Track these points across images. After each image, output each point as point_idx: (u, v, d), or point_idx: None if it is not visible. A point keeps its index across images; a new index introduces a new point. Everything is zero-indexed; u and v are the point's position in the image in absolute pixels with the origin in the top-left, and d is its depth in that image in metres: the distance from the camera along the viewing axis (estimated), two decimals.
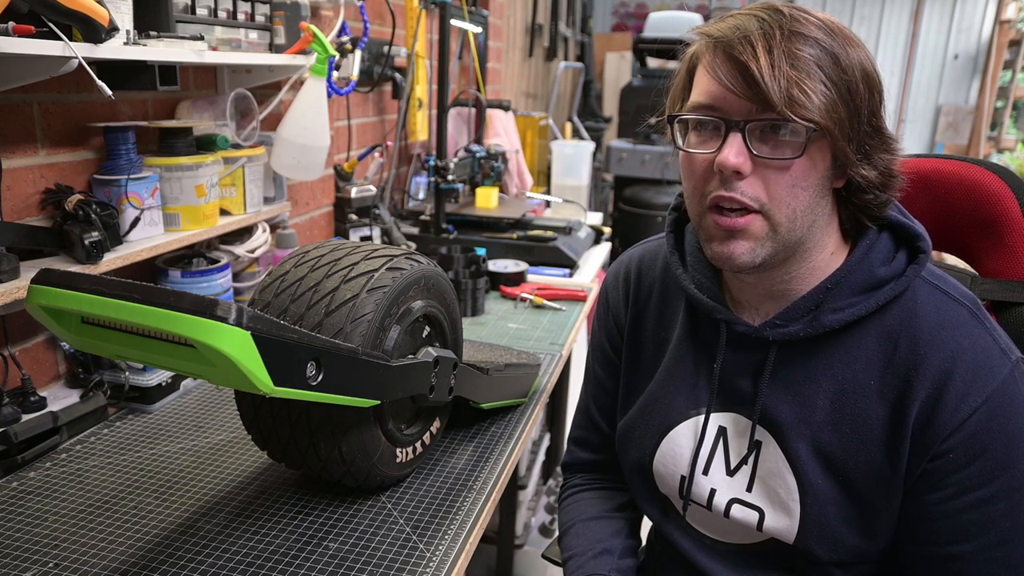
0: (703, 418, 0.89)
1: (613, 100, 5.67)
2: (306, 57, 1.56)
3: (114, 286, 0.69)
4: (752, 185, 0.75)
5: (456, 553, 0.91)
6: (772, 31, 0.71)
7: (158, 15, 1.21)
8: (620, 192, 4.24)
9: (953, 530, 0.77)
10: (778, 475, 0.83)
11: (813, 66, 0.71)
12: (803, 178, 0.74)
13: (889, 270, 0.80)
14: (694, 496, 0.90)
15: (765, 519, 0.85)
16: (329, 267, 0.94)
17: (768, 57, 0.70)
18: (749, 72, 0.71)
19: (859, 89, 0.73)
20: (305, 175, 1.65)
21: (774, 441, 0.84)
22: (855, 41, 0.75)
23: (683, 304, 0.93)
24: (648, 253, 1.01)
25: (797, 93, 0.70)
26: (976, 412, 0.74)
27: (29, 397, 1.15)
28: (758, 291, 0.85)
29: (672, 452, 0.92)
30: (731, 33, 0.73)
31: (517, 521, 2.08)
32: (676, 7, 6.23)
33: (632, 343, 1.00)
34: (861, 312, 0.78)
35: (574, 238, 2.27)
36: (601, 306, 1.05)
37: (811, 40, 0.72)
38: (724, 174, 0.75)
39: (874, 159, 0.76)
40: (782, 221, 0.75)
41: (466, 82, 3.04)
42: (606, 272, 1.06)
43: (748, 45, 0.71)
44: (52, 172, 1.22)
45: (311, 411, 0.91)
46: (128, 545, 0.90)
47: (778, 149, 0.73)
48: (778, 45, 0.71)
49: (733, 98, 0.73)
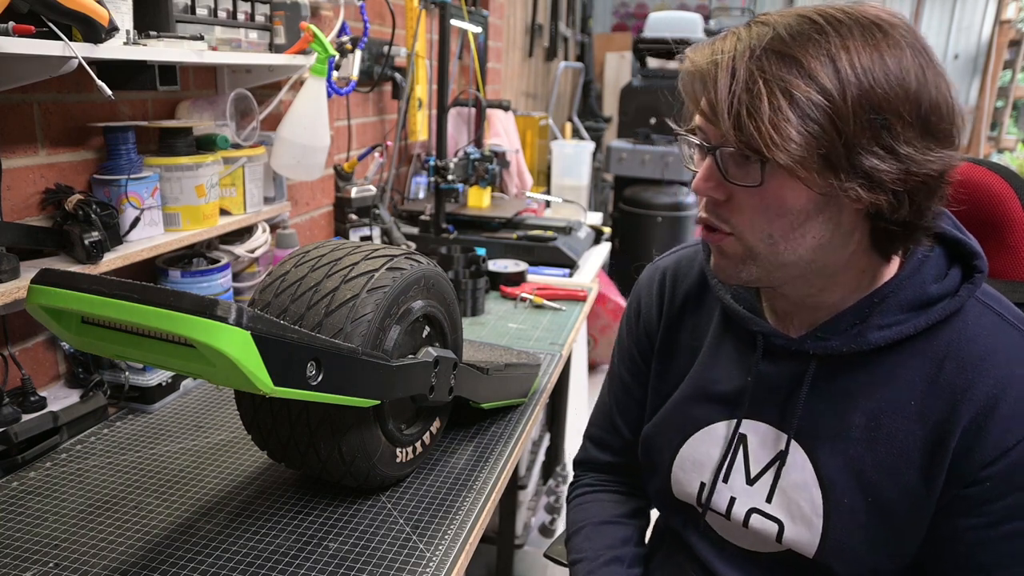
0: (732, 426, 0.87)
1: (613, 100, 5.66)
2: (306, 57, 1.56)
3: (114, 286, 0.69)
4: (727, 208, 0.75)
5: (456, 553, 0.91)
6: (745, 51, 0.68)
7: (158, 15, 1.21)
8: (620, 192, 4.24)
9: (983, 557, 0.75)
10: (803, 488, 0.82)
11: (778, 91, 0.66)
12: (778, 203, 0.71)
13: (941, 288, 0.76)
14: (713, 504, 0.89)
15: (785, 531, 0.83)
16: (329, 267, 0.94)
17: (728, 83, 0.68)
18: (709, 101, 0.70)
19: (856, 111, 0.66)
20: (305, 175, 1.65)
21: (804, 454, 0.82)
22: (892, 44, 0.68)
23: (717, 312, 0.92)
24: (684, 260, 0.99)
25: (747, 121, 0.67)
26: (1021, 442, 0.71)
27: (29, 397, 1.15)
28: (791, 301, 0.83)
29: (692, 458, 0.91)
30: (703, 58, 0.72)
31: (517, 521, 2.08)
32: (676, 7, 6.23)
33: (664, 351, 0.98)
34: (909, 331, 0.76)
35: (574, 238, 2.27)
36: (632, 310, 1.03)
37: (793, 60, 0.67)
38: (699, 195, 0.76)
39: (886, 185, 0.68)
40: (756, 244, 0.74)
41: (466, 82, 3.03)
42: (638, 277, 1.05)
43: (713, 70, 0.70)
44: (52, 172, 1.22)
45: (311, 411, 0.91)
46: (128, 545, 0.90)
47: (746, 175, 0.72)
48: (744, 68, 0.68)
49: (707, 124, 0.73)
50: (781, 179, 0.70)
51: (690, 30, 4.20)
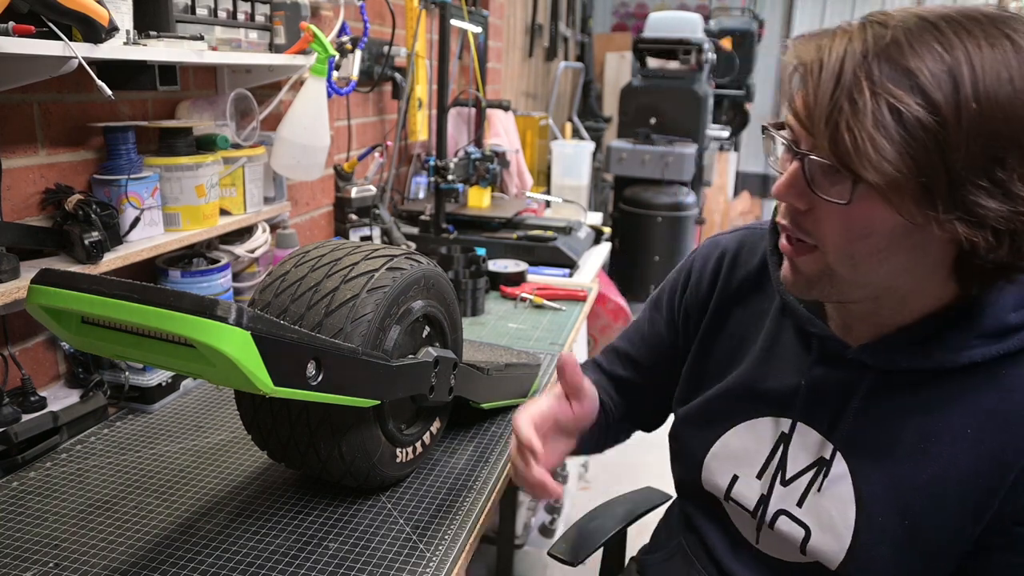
0: (779, 426, 0.85)
1: (613, 100, 5.66)
2: (306, 57, 1.56)
3: (114, 286, 0.69)
4: (809, 219, 0.69)
5: (456, 553, 0.91)
6: (856, 55, 0.62)
7: (158, 15, 1.21)
8: (620, 192, 4.24)
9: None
10: (838, 500, 0.79)
11: (884, 105, 0.59)
12: (863, 224, 0.65)
13: (1020, 317, 0.72)
14: (741, 499, 0.88)
15: (811, 539, 0.81)
16: (329, 267, 0.94)
17: (831, 88, 0.62)
18: (806, 103, 0.65)
19: (970, 139, 0.59)
20: (305, 175, 1.65)
21: (846, 466, 0.79)
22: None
23: (775, 306, 0.88)
24: (749, 243, 0.94)
25: (844, 134, 0.61)
26: None
27: (29, 397, 1.15)
28: (855, 315, 0.79)
29: (729, 450, 0.89)
30: (808, 54, 0.65)
31: (517, 521, 2.08)
32: (676, 7, 6.23)
33: (709, 330, 0.95)
34: (977, 358, 0.72)
35: (574, 238, 2.27)
36: (682, 277, 0.99)
37: (907, 72, 0.60)
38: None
39: (988, 223, 0.61)
40: (836, 264, 0.69)
41: (466, 82, 3.03)
42: (699, 245, 1.01)
43: (817, 69, 0.63)
44: (52, 172, 1.22)
45: (311, 411, 0.91)
46: (128, 545, 0.90)
47: (833, 190, 0.65)
48: (852, 73, 0.61)
49: (799, 125, 0.67)
50: (871, 200, 0.64)
51: (690, 30, 4.20)
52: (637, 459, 2.90)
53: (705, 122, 4.20)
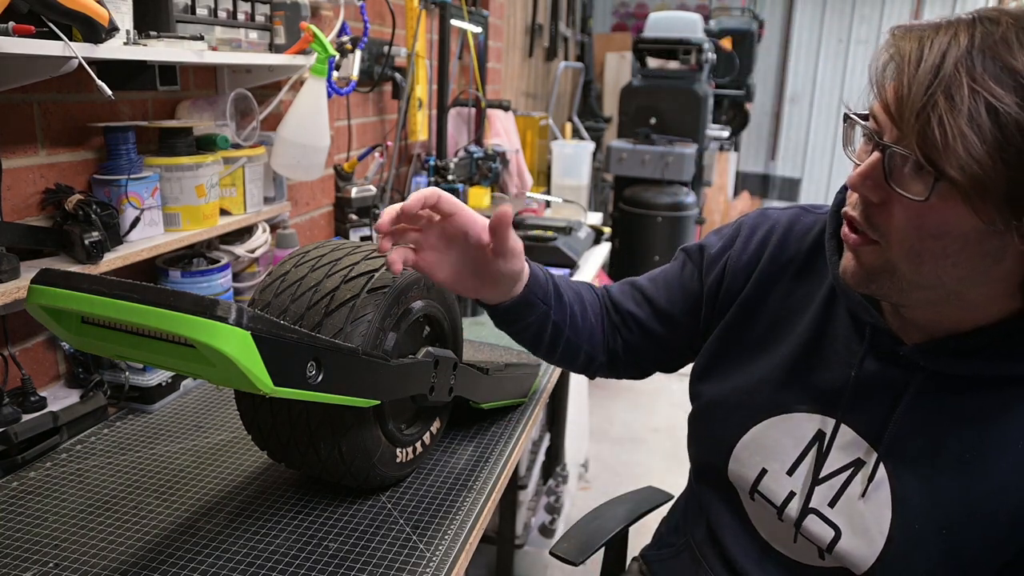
0: (821, 423, 0.82)
1: (613, 100, 5.66)
2: (306, 57, 1.56)
3: (114, 286, 0.69)
4: (879, 212, 0.67)
5: (456, 553, 0.91)
6: (959, 49, 0.59)
7: (158, 15, 1.21)
8: (620, 192, 4.24)
9: None
10: (873, 502, 0.77)
11: (982, 104, 0.57)
12: (938, 224, 0.63)
13: None
14: (769, 494, 0.85)
15: (841, 541, 0.79)
16: (329, 267, 0.94)
17: (928, 80, 0.60)
18: (897, 94, 0.63)
19: None
20: (305, 175, 1.65)
21: (885, 470, 0.77)
22: None
23: (822, 294, 0.84)
24: (801, 224, 0.90)
25: (935, 129, 0.59)
26: None
27: (29, 397, 1.15)
28: (908, 314, 0.76)
29: (761, 441, 0.86)
30: (909, 44, 0.63)
31: (517, 521, 2.08)
32: (676, 7, 6.23)
33: (744, 308, 0.91)
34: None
35: (574, 238, 2.27)
36: (727, 234, 0.95)
37: (1012, 72, 0.58)
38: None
39: None
40: (899, 260, 0.67)
41: (466, 82, 3.03)
42: (744, 217, 0.96)
43: (913, 64, 0.61)
44: (52, 172, 1.22)
45: (311, 411, 0.91)
46: (128, 545, 0.90)
47: (912, 185, 0.63)
48: (952, 67, 0.59)
49: (886, 115, 0.65)
50: (951, 200, 0.61)
51: (690, 30, 4.20)
52: (638, 459, 2.90)
53: (705, 122, 4.20)
